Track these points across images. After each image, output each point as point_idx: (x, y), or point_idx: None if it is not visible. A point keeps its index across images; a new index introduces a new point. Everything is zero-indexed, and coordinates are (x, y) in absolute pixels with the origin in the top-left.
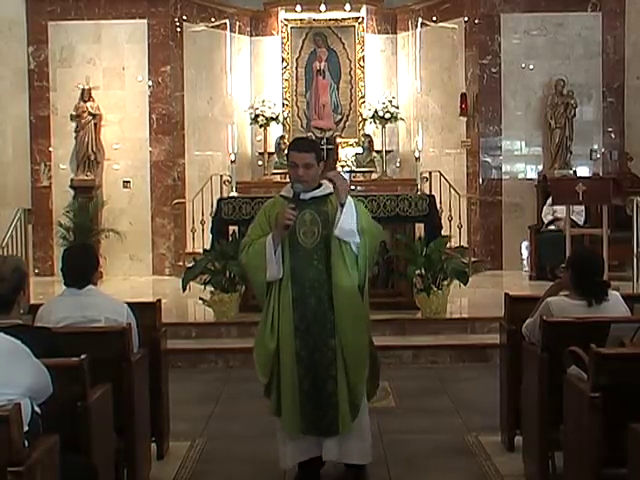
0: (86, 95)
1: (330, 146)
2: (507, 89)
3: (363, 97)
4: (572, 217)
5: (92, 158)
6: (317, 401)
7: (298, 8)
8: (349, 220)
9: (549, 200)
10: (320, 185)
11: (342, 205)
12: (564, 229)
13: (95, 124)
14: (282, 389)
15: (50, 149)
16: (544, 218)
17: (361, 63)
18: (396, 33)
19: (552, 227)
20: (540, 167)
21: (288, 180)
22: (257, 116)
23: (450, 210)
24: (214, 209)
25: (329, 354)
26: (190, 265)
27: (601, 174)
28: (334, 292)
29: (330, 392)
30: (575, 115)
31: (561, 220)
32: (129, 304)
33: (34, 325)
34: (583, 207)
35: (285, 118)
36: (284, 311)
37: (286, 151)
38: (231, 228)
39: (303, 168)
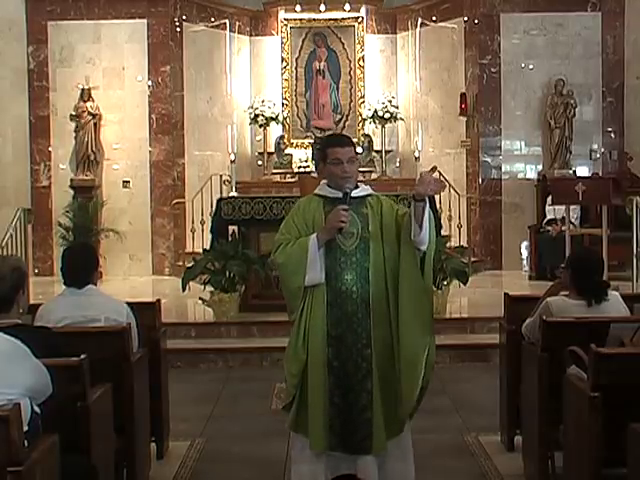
0: (86, 95)
1: None
2: (507, 89)
3: (363, 97)
4: (565, 216)
5: (92, 158)
6: (348, 415)
7: (298, 8)
8: (429, 223)
9: (549, 199)
10: (357, 186)
11: (419, 200)
12: (559, 230)
13: (95, 124)
14: (311, 402)
15: (50, 149)
16: (548, 215)
17: (361, 63)
18: (396, 33)
19: (549, 228)
20: (540, 167)
21: (288, 180)
22: (257, 116)
23: (450, 210)
24: (214, 209)
25: (364, 365)
26: (190, 265)
27: (601, 174)
28: (372, 299)
29: (363, 406)
30: (575, 115)
31: (557, 221)
32: (129, 304)
33: (34, 325)
34: (578, 206)
35: (285, 118)
36: (316, 317)
37: (322, 149)
38: (231, 228)
39: (348, 163)
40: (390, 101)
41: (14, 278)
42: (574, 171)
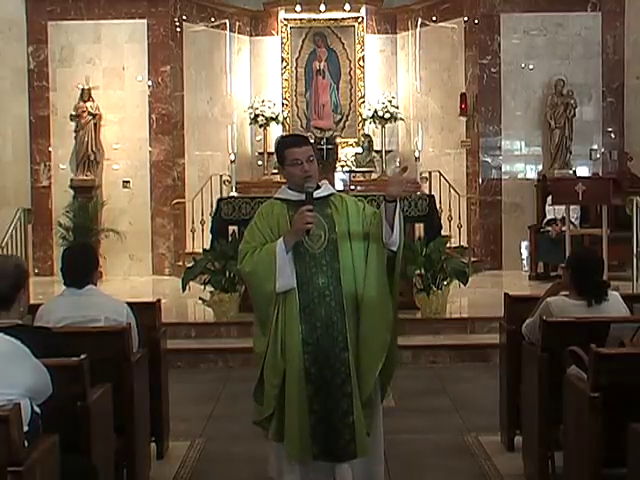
0: (86, 95)
1: (330, 146)
2: (507, 89)
3: (363, 97)
4: (564, 215)
5: (92, 158)
6: (330, 422)
7: (298, 8)
8: (401, 223)
9: (549, 199)
10: (319, 186)
11: (390, 201)
12: (559, 230)
13: (95, 124)
14: (288, 412)
15: (50, 149)
16: (548, 215)
17: (361, 63)
18: (396, 33)
19: (549, 228)
20: (540, 167)
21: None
22: (257, 116)
23: (450, 210)
24: (214, 209)
25: (342, 370)
26: (190, 265)
27: (601, 174)
28: (345, 301)
29: (344, 411)
30: (575, 115)
31: (557, 221)
32: (129, 304)
33: (34, 325)
34: (578, 206)
35: (285, 118)
36: (290, 324)
37: (279, 152)
38: (231, 228)
39: (307, 163)
40: (390, 101)
41: (16, 275)
42: (574, 171)
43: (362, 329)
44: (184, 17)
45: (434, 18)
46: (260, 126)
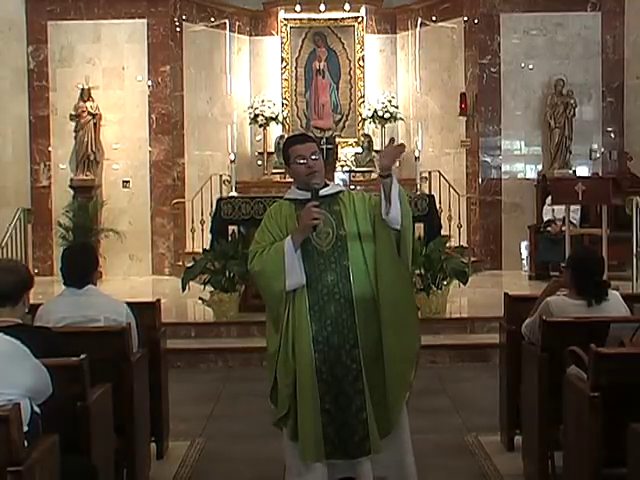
0: (86, 95)
1: (330, 146)
2: (507, 89)
3: (363, 97)
4: (564, 215)
5: (92, 158)
6: (342, 420)
7: (298, 8)
8: (398, 200)
9: (548, 199)
10: (326, 184)
11: (386, 177)
12: (559, 231)
13: (95, 124)
14: (300, 411)
15: (50, 149)
16: (544, 216)
17: (361, 63)
18: (395, 33)
19: (549, 229)
20: (540, 167)
21: (287, 180)
22: (257, 116)
23: (450, 210)
24: (214, 209)
25: (354, 367)
26: (190, 265)
27: (600, 174)
28: (355, 299)
29: (358, 408)
30: (575, 115)
31: (557, 221)
32: (129, 304)
33: (34, 325)
34: (578, 206)
35: (285, 118)
36: (300, 322)
37: (284, 151)
38: (231, 228)
39: (312, 160)
40: (390, 101)
41: (25, 276)
42: (574, 171)
43: (385, 333)
44: (184, 17)
45: (434, 18)
46: (260, 126)
